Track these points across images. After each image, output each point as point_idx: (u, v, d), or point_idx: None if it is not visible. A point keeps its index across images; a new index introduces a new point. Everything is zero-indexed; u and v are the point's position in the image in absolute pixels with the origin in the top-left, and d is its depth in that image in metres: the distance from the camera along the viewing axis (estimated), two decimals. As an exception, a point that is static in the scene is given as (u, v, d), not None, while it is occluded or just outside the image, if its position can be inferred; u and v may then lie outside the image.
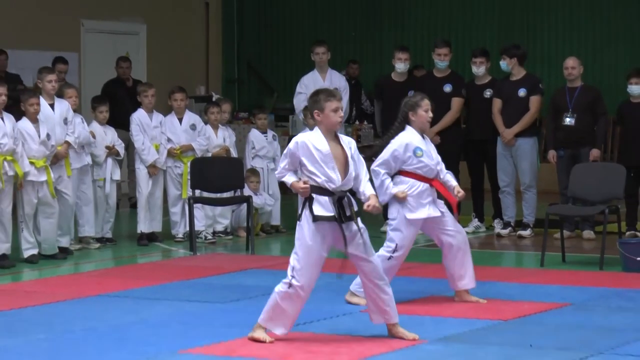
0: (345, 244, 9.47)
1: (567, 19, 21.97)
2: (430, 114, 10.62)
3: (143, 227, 15.71)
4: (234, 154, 16.31)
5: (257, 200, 15.92)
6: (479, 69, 16.26)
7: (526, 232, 15.74)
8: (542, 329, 10.06)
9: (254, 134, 16.88)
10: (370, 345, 9.43)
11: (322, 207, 9.39)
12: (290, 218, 16.84)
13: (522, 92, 15.92)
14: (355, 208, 9.69)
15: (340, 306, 11.15)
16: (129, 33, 22.16)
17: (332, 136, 9.45)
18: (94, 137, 15.09)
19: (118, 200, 16.30)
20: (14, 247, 13.98)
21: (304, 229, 9.41)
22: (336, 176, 9.40)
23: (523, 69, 16.07)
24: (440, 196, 11.02)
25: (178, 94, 16.10)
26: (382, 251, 10.99)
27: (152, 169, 15.71)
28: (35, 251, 14.05)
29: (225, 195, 15.47)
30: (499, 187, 16.17)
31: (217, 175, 15.44)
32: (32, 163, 13.80)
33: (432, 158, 10.72)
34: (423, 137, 10.64)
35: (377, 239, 16.09)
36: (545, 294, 11.67)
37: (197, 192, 15.25)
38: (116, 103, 16.96)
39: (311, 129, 16.40)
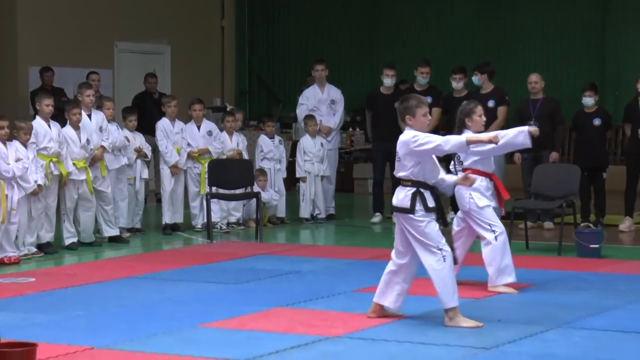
0: None
1: (533, 41, 21.95)
2: (484, 118, 10.50)
3: (167, 218, 15.75)
4: (245, 156, 16.31)
5: (265, 196, 15.93)
6: (458, 83, 16.28)
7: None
8: (508, 306, 10.08)
9: (263, 139, 16.89)
10: (362, 320, 9.43)
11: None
12: (294, 211, 16.87)
13: (491, 103, 15.91)
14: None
15: (336, 286, 11.14)
16: (156, 53, 22.16)
17: None
18: (128, 141, 15.12)
19: (146, 195, 16.30)
20: (57, 236, 14.00)
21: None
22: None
23: (492, 84, 16.08)
24: None
25: (197, 104, 16.11)
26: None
27: (174, 169, 15.73)
28: (75, 239, 14.08)
29: (238, 191, 15.47)
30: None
31: (231, 175, 15.45)
32: (73, 164, 13.87)
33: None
34: None
35: (367, 229, 16.19)
36: (511, 275, 11.70)
37: (214, 189, 15.23)
38: (144, 112, 16.95)
39: (311, 135, 16.61)
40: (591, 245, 13.03)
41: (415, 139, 8.94)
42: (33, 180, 13.06)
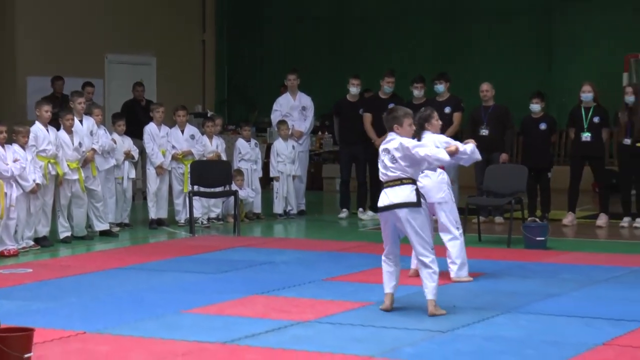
0: None
1: (485, 53, 22.02)
2: (440, 122, 10.62)
3: (153, 214, 15.71)
4: (224, 157, 16.30)
5: (242, 194, 15.94)
6: (420, 92, 16.31)
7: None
8: (463, 293, 10.11)
9: (240, 142, 16.88)
10: (330, 306, 9.46)
11: None
12: (268, 208, 16.87)
13: (447, 110, 15.95)
14: None
15: (307, 276, 11.16)
16: (143, 64, 22.11)
17: None
18: (115, 144, 15.12)
19: (134, 194, 16.27)
20: (53, 230, 13.95)
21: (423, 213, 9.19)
22: None
23: (448, 92, 16.14)
24: None
25: (181, 111, 16.12)
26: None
27: (160, 170, 15.70)
28: (69, 233, 14.05)
29: (217, 189, 15.45)
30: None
31: (211, 174, 15.44)
32: (67, 165, 13.85)
33: None
34: None
35: (335, 224, 16.21)
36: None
37: (195, 187, 15.21)
38: (133, 118, 16.91)
39: (284, 138, 16.62)
40: (537, 238, 13.09)
41: (414, 147, 9.04)
42: (32, 179, 13.03)
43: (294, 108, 17.37)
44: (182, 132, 15.99)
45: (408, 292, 10.06)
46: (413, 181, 9.11)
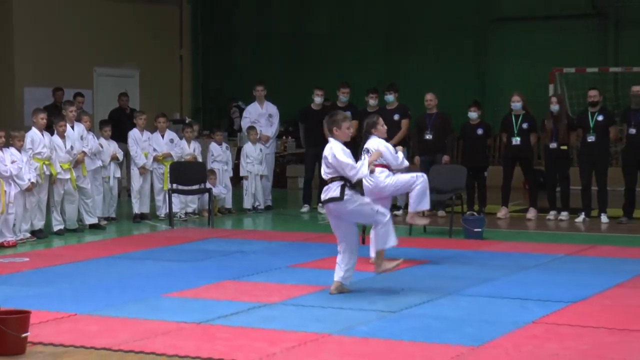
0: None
1: (429, 67, 22.13)
2: (385, 127, 10.60)
3: (136, 209, 15.63)
4: (199, 159, 16.25)
5: (215, 191, 15.89)
6: (375, 101, 16.32)
7: (399, 212, 15.82)
8: (410, 278, 10.11)
9: (213, 146, 16.84)
10: (292, 290, 9.44)
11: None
12: (239, 203, 16.85)
13: (396, 117, 15.97)
14: None
15: (273, 263, 11.13)
16: (127, 76, 22.06)
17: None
18: (101, 147, 15.07)
19: (119, 191, 16.19)
20: (47, 224, 13.86)
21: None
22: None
23: (397, 101, 16.16)
24: None
25: (161, 118, 16.06)
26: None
27: (142, 170, 15.63)
28: (61, 226, 13.97)
29: (194, 187, 15.40)
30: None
31: (188, 174, 15.40)
32: (60, 166, 13.78)
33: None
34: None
35: (298, 217, 16.20)
36: (411, 253, 11.72)
37: (174, 185, 15.15)
38: (118, 124, 16.84)
39: (252, 142, 16.59)
40: (475, 229, 13.14)
41: (347, 164, 9.03)
42: (27, 178, 12.97)
43: (261, 115, 17.35)
44: (162, 136, 15.93)
45: (362, 277, 10.07)
46: (342, 178, 9.06)
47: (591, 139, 14.86)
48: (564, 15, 20.97)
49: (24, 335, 7.07)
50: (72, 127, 14.26)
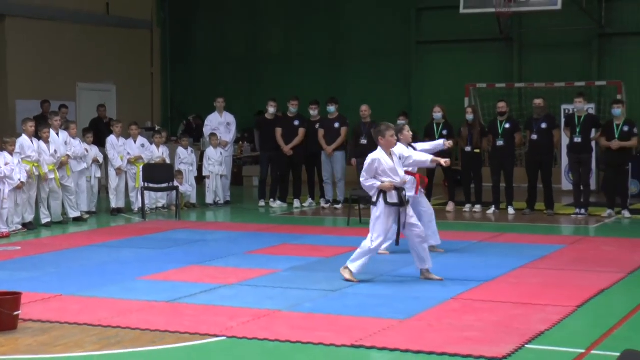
0: (400, 219, 8.84)
1: (364, 82, 22.16)
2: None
3: (114, 204, 15.50)
4: (168, 161, 16.14)
5: (182, 189, 15.81)
6: (315, 112, 16.31)
7: (339, 206, 15.86)
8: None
9: (180, 150, 16.74)
10: (248, 273, 9.42)
11: (390, 197, 8.82)
12: (202, 199, 16.77)
13: (336, 125, 15.98)
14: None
15: (232, 250, 11.06)
16: (105, 90, 21.90)
17: (389, 152, 8.96)
18: (87, 151, 14.99)
19: (99, 189, 16.02)
20: (36, 217, 13.70)
21: (380, 210, 8.78)
22: (397, 179, 8.87)
23: (337, 111, 16.16)
24: None
25: (134, 126, 15.94)
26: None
27: (119, 171, 15.51)
28: (49, 219, 13.82)
29: (163, 185, 15.30)
30: (323, 179, 16.25)
31: (158, 174, 15.29)
32: (46, 167, 13.65)
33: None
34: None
35: (253, 211, 16.15)
36: (350, 241, 11.72)
37: (146, 184, 15.04)
38: (98, 131, 16.68)
39: (214, 147, 16.50)
40: (403, 220, 13.15)
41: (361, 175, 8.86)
42: (17, 178, 12.87)
43: (221, 124, 17.26)
44: (135, 142, 15.81)
45: (308, 261, 10.08)
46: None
47: (500, 143, 14.99)
48: (477, 39, 21.13)
49: (15, 313, 7.01)
50: (58, 134, 14.13)
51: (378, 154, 8.91)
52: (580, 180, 14.55)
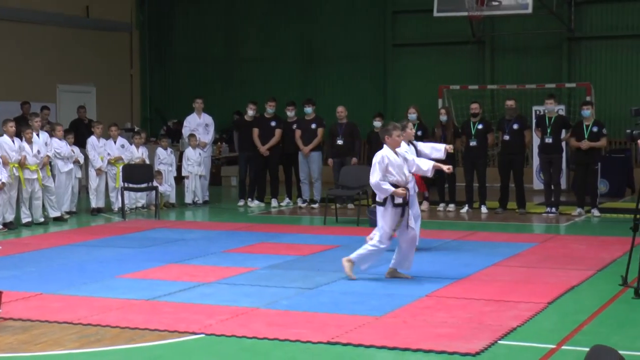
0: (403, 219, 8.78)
1: (340, 84, 22.20)
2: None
3: (94, 204, 15.43)
4: (147, 162, 16.09)
5: (161, 189, 15.75)
6: (292, 113, 16.30)
7: (315, 205, 15.86)
8: (324, 259, 10.14)
9: (160, 150, 16.69)
10: (226, 271, 9.41)
11: (397, 198, 8.72)
12: (181, 198, 16.72)
13: (313, 126, 15.97)
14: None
15: (210, 249, 11.04)
16: (85, 92, 21.82)
17: (395, 151, 8.85)
18: (73, 152, 14.91)
19: (79, 189, 15.94)
20: (17, 217, 13.61)
21: (388, 211, 8.71)
22: (402, 177, 8.80)
23: (314, 112, 16.16)
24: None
25: (113, 127, 15.87)
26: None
27: (99, 171, 15.44)
28: (29, 219, 13.73)
29: (142, 185, 15.25)
30: (300, 179, 16.25)
31: (137, 174, 15.24)
32: (27, 167, 13.53)
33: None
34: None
35: (232, 210, 16.12)
36: (326, 239, 11.78)
37: (126, 184, 14.97)
38: (79, 133, 16.58)
39: (192, 147, 16.46)
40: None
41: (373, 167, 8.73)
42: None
43: (199, 125, 17.22)
44: (115, 142, 15.74)
45: (286, 260, 10.07)
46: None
47: (473, 143, 15.05)
48: (450, 42, 21.22)
49: (-4, 312, 6.95)
50: (38, 135, 14.03)
51: (386, 152, 8.83)
52: (551, 179, 14.64)
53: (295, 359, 6.11)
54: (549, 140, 14.58)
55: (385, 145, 8.89)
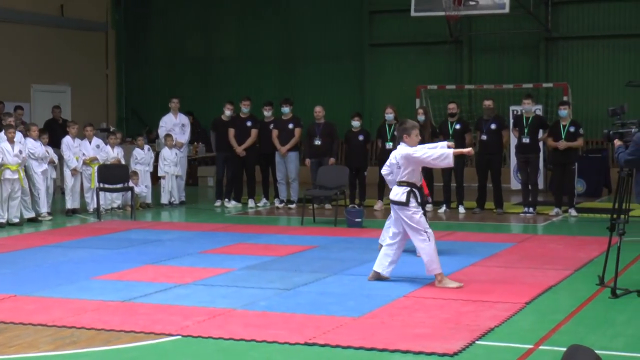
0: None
1: (318, 84, 22.22)
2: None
3: (69, 205, 15.33)
4: (123, 162, 16.01)
5: (137, 189, 15.69)
6: (269, 112, 16.28)
7: (293, 206, 15.84)
8: (303, 260, 10.13)
9: (137, 150, 16.63)
10: (203, 272, 9.37)
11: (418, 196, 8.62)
12: (157, 199, 16.66)
13: (291, 126, 15.96)
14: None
15: (186, 249, 11.00)
16: (60, 92, 21.74)
17: None
18: (48, 153, 14.81)
19: (54, 190, 15.83)
20: (-9, 218, 13.55)
21: (413, 209, 8.51)
22: (418, 177, 8.69)
23: (291, 112, 16.14)
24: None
25: (88, 127, 15.79)
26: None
27: (74, 171, 15.34)
28: (3, 220, 13.64)
29: (118, 186, 15.18)
30: (277, 179, 16.22)
31: (113, 174, 15.17)
32: (8, 167, 13.48)
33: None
34: None
35: (209, 211, 16.08)
36: (303, 240, 11.77)
37: (101, 184, 14.90)
38: (53, 132, 16.47)
39: (169, 147, 16.41)
40: (356, 219, 13.22)
41: (414, 151, 8.54)
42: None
43: (175, 125, 17.17)
44: (90, 142, 15.66)
45: (263, 260, 10.04)
46: (408, 184, 8.61)
47: (450, 144, 15.06)
48: (428, 42, 21.30)
49: (-31, 314, 6.87)
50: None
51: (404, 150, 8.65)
52: (528, 179, 14.71)
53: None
54: (526, 140, 14.65)
55: (402, 144, 8.71)
